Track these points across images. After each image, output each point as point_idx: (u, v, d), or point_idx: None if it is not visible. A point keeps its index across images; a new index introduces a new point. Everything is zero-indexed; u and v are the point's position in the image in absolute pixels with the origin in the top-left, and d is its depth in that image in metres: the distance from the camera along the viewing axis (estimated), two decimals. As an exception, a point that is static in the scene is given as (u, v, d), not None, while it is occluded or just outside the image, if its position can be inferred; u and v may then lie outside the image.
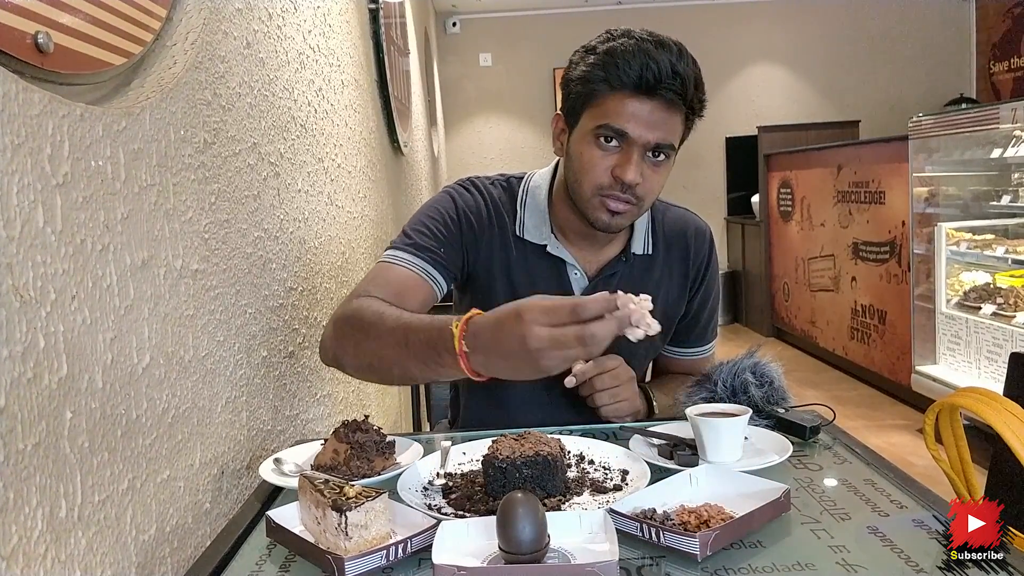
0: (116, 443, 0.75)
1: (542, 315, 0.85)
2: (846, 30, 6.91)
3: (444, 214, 1.29)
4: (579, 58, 1.19)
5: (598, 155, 1.17)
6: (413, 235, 1.26)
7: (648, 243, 1.34)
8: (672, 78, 1.10)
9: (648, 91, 1.11)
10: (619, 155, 1.15)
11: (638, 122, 1.13)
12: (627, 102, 1.13)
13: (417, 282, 1.23)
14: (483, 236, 1.30)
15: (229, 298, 1.08)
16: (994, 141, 3.39)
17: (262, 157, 1.28)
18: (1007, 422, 0.78)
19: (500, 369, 0.90)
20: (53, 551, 0.64)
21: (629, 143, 1.14)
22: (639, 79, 1.11)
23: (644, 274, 1.34)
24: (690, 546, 0.73)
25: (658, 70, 1.10)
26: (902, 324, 4.07)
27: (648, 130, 1.13)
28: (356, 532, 0.76)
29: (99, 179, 0.75)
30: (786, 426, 1.08)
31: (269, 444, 1.21)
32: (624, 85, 1.12)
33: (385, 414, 2.36)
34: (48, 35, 0.68)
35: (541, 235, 1.30)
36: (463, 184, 1.35)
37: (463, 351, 0.90)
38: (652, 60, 1.10)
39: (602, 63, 1.14)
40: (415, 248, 1.24)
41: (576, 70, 1.19)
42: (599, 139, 1.16)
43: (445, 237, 1.27)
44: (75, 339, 0.69)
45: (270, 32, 1.37)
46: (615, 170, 1.15)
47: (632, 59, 1.11)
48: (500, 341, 0.87)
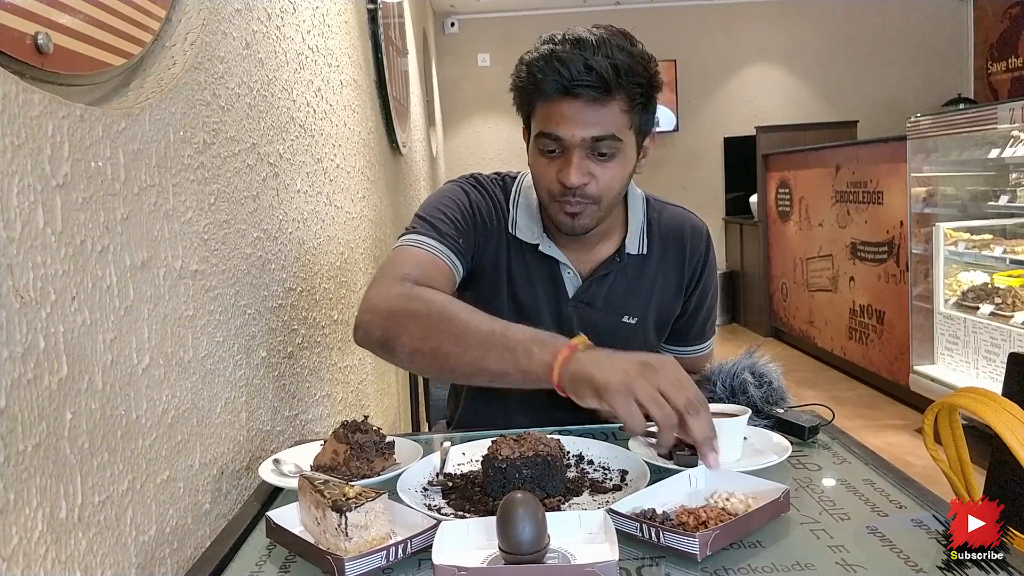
0: (116, 444, 0.75)
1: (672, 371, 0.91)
2: (844, 30, 6.91)
3: (460, 205, 1.29)
4: (514, 72, 1.21)
5: (544, 163, 1.20)
6: (434, 221, 1.26)
7: (643, 242, 1.34)
8: (586, 73, 1.10)
9: (567, 92, 1.12)
10: (561, 160, 1.17)
11: (567, 123, 1.14)
12: (553, 107, 1.15)
13: (443, 269, 1.22)
14: (488, 234, 1.31)
15: (228, 299, 1.08)
16: (992, 141, 3.40)
17: (261, 158, 1.28)
18: (1006, 422, 0.78)
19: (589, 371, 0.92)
20: (53, 552, 0.64)
21: (566, 146, 1.16)
22: (555, 83, 1.12)
23: (638, 273, 1.34)
24: (690, 546, 0.73)
25: (569, 72, 1.11)
26: (900, 324, 4.08)
27: (580, 128, 1.14)
28: (356, 533, 0.76)
29: (99, 180, 0.75)
30: (785, 426, 1.08)
31: (268, 445, 1.21)
32: (546, 93, 1.15)
33: (384, 415, 2.36)
34: (48, 36, 0.68)
35: (533, 234, 1.30)
36: (470, 180, 1.35)
37: (567, 353, 0.94)
38: (562, 64, 1.11)
39: (525, 74, 1.18)
40: (437, 234, 1.24)
41: (512, 85, 1.22)
42: (542, 150, 1.19)
43: (461, 227, 1.27)
44: (75, 340, 0.69)
45: (269, 33, 1.37)
46: (559, 175, 1.17)
47: (545, 66, 1.13)
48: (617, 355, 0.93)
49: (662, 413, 0.87)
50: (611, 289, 1.32)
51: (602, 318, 1.32)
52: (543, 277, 1.31)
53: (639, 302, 1.34)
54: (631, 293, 1.34)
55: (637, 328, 1.34)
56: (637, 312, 1.34)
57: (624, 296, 1.33)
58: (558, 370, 0.94)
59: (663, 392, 0.88)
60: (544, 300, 1.31)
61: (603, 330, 1.30)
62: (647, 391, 0.88)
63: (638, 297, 1.34)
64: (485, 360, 1.01)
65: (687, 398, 0.88)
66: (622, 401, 0.88)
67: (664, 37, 6.78)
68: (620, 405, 0.88)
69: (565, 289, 1.31)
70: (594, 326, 1.30)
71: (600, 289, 1.32)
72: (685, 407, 0.88)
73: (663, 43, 6.83)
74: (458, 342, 1.03)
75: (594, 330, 1.30)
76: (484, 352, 1.01)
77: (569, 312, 1.32)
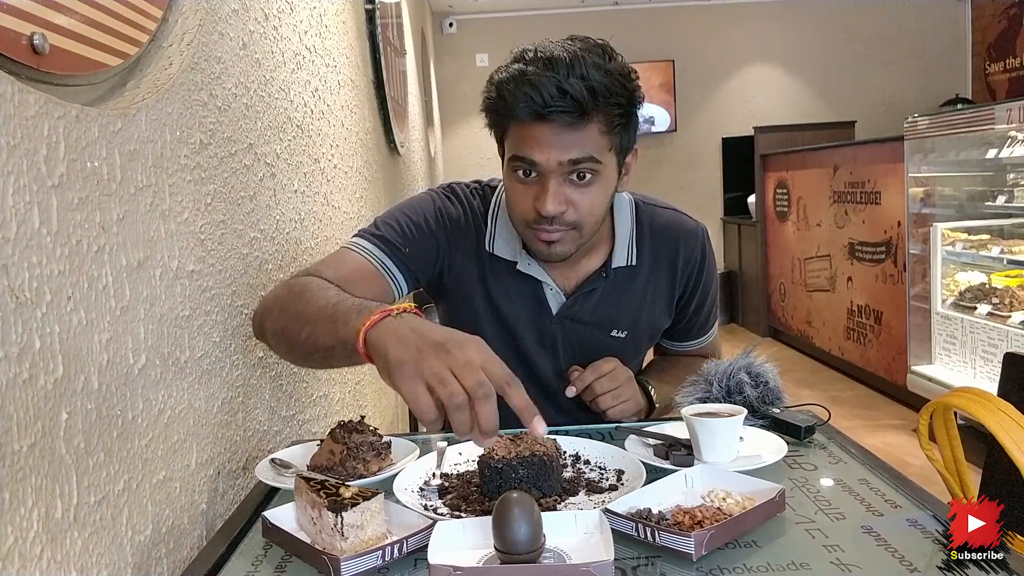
0: (112, 444, 0.75)
1: (470, 352, 0.78)
2: (842, 31, 6.92)
3: (421, 216, 1.24)
4: (485, 90, 1.16)
5: (519, 189, 1.14)
6: (382, 227, 1.22)
7: (632, 253, 1.28)
8: (560, 98, 1.04)
9: (540, 117, 1.07)
10: (537, 186, 1.12)
11: (542, 147, 1.08)
12: (527, 130, 1.09)
13: (373, 274, 1.18)
14: (458, 247, 1.26)
15: (225, 299, 1.08)
16: (989, 141, 3.40)
17: (258, 158, 1.28)
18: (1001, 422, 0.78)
19: (386, 343, 0.81)
20: (49, 552, 0.64)
21: (542, 171, 1.10)
22: (527, 109, 1.06)
23: (625, 287, 1.29)
24: (685, 546, 0.73)
25: (541, 96, 1.04)
26: (898, 324, 4.08)
27: (556, 152, 1.08)
28: (352, 533, 0.76)
29: (95, 180, 0.75)
30: (781, 426, 1.08)
31: (265, 445, 1.21)
32: (517, 116, 1.09)
33: (382, 415, 2.36)
34: (44, 36, 0.68)
35: (512, 252, 1.25)
36: (445, 191, 1.30)
37: (377, 317, 0.84)
38: (533, 87, 1.05)
39: (496, 97, 1.12)
40: (380, 241, 1.20)
41: (483, 104, 1.16)
42: (516, 171, 1.13)
43: (415, 238, 1.22)
44: (71, 340, 0.69)
45: (266, 33, 1.37)
46: (535, 202, 1.11)
47: (516, 89, 1.07)
48: (423, 329, 0.81)
49: (446, 391, 0.74)
50: (598, 304, 1.28)
51: (589, 333, 1.28)
52: (523, 294, 1.27)
53: (628, 315, 1.29)
54: (619, 307, 1.29)
55: (627, 342, 1.31)
56: (626, 325, 1.30)
57: (612, 310, 1.28)
58: (363, 336, 0.84)
59: (454, 372, 0.75)
60: (526, 316, 1.27)
61: (590, 345, 1.28)
62: (435, 370, 0.76)
63: (627, 310, 1.29)
64: (315, 335, 0.94)
65: (476, 380, 0.75)
66: (408, 383, 0.76)
67: (662, 37, 6.79)
68: (405, 387, 0.76)
69: (548, 306, 1.27)
70: (580, 341, 1.28)
71: (586, 305, 1.27)
72: (472, 389, 0.74)
73: (661, 43, 6.85)
74: (299, 319, 0.97)
75: (580, 345, 1.29)
76: (315, 326, 0.94)
77: (553, 328, 1.28)
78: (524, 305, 1.27)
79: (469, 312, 1.28)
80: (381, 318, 0.84)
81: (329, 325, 0.92)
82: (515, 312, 1.27)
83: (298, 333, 0.97)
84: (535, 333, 1.28)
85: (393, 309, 0.86)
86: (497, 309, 1.27)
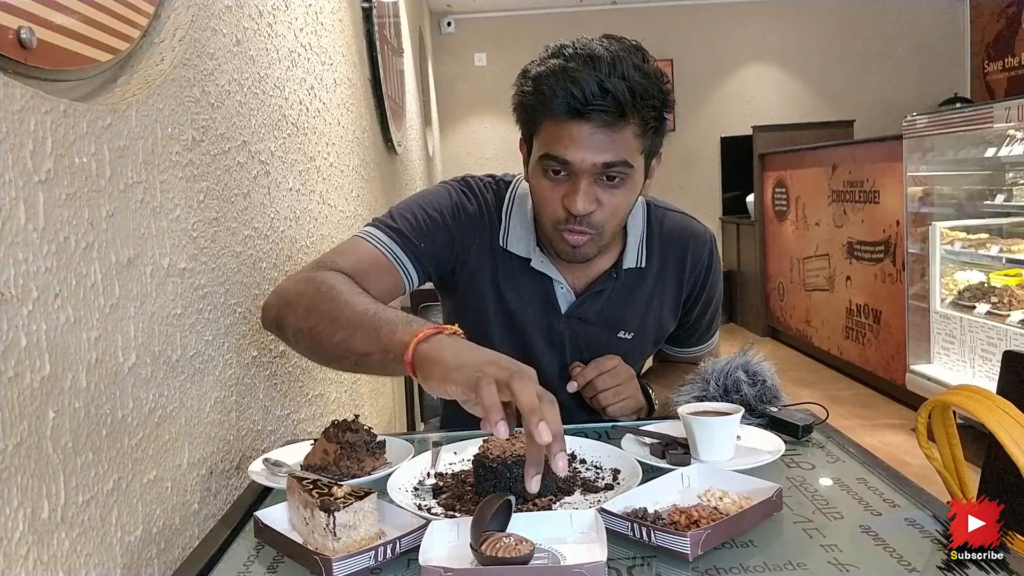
0: (101, 443, 0.75)
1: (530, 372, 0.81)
2: (841, 30, 6.92)
3: (438, 209, 1.23)
4: (518, 84, 1.14)
5: (548, 187, 1.13)
6: (397, 219, 1.21)
7: (642, 255, 1.28)
8: (601, 97, 1.03)
9: (579, 114, 1.05)
10: (567, 184, 1.10)
11: (577, 147, 1.07)
12: (562, 128, 1.07)
13: (386, 267, 1.17)
14: (473, 242, 1.25)
15: (218, 297, 1.07)
16: (988, 140, 3.40)
17: (252, 155, 1.27)
18: (1000, 420, 0.77)
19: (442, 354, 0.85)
20: (35, 552, 0.64)
21: (574, 171, 1.09)
22: (566, 104, 1.05)
23: (634, 288, 1.29)
24: (681, 546, 0.72)
25: (583, 92, 1.03)
26: (897, 323, 4.07)
27: (591, 153, 1.07)
28: (344, 532, 0.75)
29: (83, 176, 0.74)
30: (779, 425, 1.07)
31: (259, 444, 1.20)
32: (554, 112, 1.07)
33: (379, 414, 2.35)
34: (31, 31, 0.67)
35: (526, 248, 1.25)
36: (460, 184, 1.29)
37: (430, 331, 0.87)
38: (575, 83, 1.03)
39: (532, 91, 1.10)
40: (396, 233, 1.19)
41: (515, 98, 1.14)
42: (546, 171, 1.12)
43: (430, 231, 1.21)
44: (58, 338, 0.68)
45: (260, 29, 1.36)
46: (564, 201, 1.11)
47: (556, 84, 1.05)
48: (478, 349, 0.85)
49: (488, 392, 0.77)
50: (606, 304, 1.27)
51: (596, 333, 1.28)
52: (534, 291, 1.26)
53: (635, 317, 1.29)
54: (627, 308, 1.28)
55: (633, 343, 1.30)
56: (633, 327, 1.29)
57: (620, 311, 1.28)
58: (413, 347, 0.87)
59: (510, 388, 0.78)
60: (534, 313, 1.27)
61: (596, 345, 1.27)
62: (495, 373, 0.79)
63: (634, 312, 1.29)
64: (352, 339, 0.95)
65: (538, 389, 0.79)
66: (472, 375, 0.79)
67: (661, 36, 6.78)
68: (463, 379, 0.80)
69: (557, 304, 1.26)
70: (587, 341, 1.28)
71: (594, 305, 1.27)
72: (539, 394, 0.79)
73: (660, 42, 6.83)
74: (332, 321, 0.98)
75: (587, 345, 1.28)
76: (352, 331, 0.95)
77: (561, 327, 1.27)
78: (533, 302, 1.27)
79: (478, 307, 1.27)
80: (434, 333, 0.88)
81: (370, 332, 0.93)
82: (524, 309, 1.26)
83: (331, 336, 0.98)
84: (543, 331, 1.28)
85: (446, 328, 0.90)
86: (506, 306, 1.26)
